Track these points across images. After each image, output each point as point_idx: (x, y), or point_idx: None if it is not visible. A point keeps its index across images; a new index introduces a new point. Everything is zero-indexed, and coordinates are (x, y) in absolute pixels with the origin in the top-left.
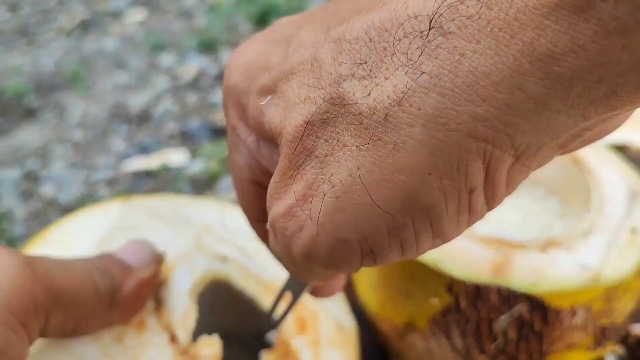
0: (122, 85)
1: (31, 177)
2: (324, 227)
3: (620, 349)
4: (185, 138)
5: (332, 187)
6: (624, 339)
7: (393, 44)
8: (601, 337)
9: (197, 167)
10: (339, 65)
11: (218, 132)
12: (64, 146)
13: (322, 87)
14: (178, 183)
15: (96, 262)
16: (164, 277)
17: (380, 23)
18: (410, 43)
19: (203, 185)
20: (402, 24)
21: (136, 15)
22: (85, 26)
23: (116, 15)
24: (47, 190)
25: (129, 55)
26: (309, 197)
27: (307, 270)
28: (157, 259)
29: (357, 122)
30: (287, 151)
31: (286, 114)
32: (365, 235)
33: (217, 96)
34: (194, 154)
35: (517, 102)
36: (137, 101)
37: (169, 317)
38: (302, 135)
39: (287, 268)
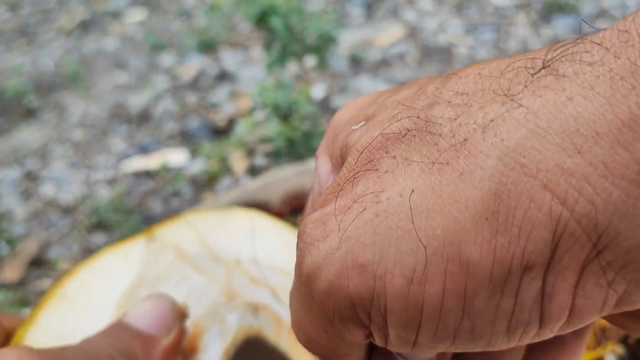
0: (122, 85)
1: (31, 177)
2: (347, 242)
3: (620, 349)
4: (185, 138)
5: (377, 202)
6: (624, 339)
7: (499, 77)
8: (601, 336)
9: (197, 167)
10: (440, 92)
11: (218, 132)
12: (63, 146)
13: (413, 108)
14: (178, 183)
15: (115, 344)
16: (192, 342)
17: (496, 63)
18: (515, 77)
19: (203, 185)
20: (514, 62)
21: (136, 15)
22: (85, 26)
23: (116, 15)
24: (47, 190)
25: (129, 55)
26: (349, 208)
27: (301, 321)
28: (180, 316)
29: (432, 142)
30: (350, 161)
31: (367, 130)
32: (386, 269)
33: (216, 96)
34: (194, 154)
35: (617, 163)
36: (137, 101)
37: None
38: (371, 146)
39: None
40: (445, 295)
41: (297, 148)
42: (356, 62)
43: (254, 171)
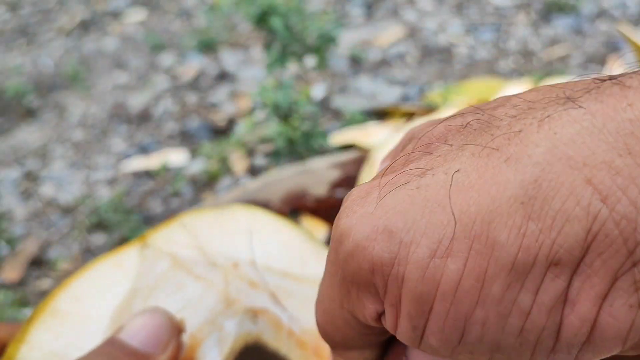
0: (122, 85)
1: (31, 177)
2: (382, 207)
3: None
4: (185, 138)
5: (420, 177)
6: None
7: (565, 88)
8: None
9: (197, 167)
10: (508, 98)
11: (218, 132)
12: (63, 146)
13: (479, 108)
14: (178, 183)
15: None
16: (189, 353)
17: (566, 80)
18: (579, 84)
19: (203, 185)
20: (583, 76)
21: (136, 15)
22: (85, 26)
23: (116, 15)
24: (47, 190)
25: (129, 55)
26: (393, 179)
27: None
28: (176, 331)
29: (488, 133)
30: (409, 147)
31: (432, 124)
32: (413, 238)
33: (216, 96)
34: (194, 153)
35: None
36: (136, 101)
37: None
38: (431, 134)
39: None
40: (465, 274)
41: (297, 148)
42: (356, 62)
43: (254, 171)
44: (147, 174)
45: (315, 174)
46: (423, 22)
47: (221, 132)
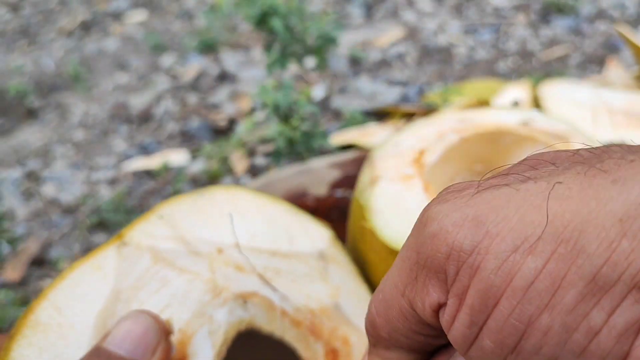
0: (123, 86)
1: (32, 177)
2: (478, 199)
3: None
4: (186, 138)
5: (522, 182)
6: None
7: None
8: None
9: (198, 167)
10: (626, 146)
11: (218, 132)
12: (65, 146)
13: (592, 146)
14: (178, 183)
15: None
16: (180, 350)
17: None
18: None
19: (203, 185)
20: None
21: (137, 16)
22: (86, 27)
23: (117, 15)
24: (48, 189)
25: (130, 56)
26: (495, 181)
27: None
28: (164, 333)
29: (597, 160)
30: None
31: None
32: (499, 231)
33: (217, 97)
34: (195, 154)
35: None
36: (137, 101)
37: None
38: (542, 157)
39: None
40: (541, 274)
41: (297, 148)
42: (356, 63)
43: (254, 171)
44: (148, 174)
45: (315, 174)
46: (422, 22)
47: (222, 132)
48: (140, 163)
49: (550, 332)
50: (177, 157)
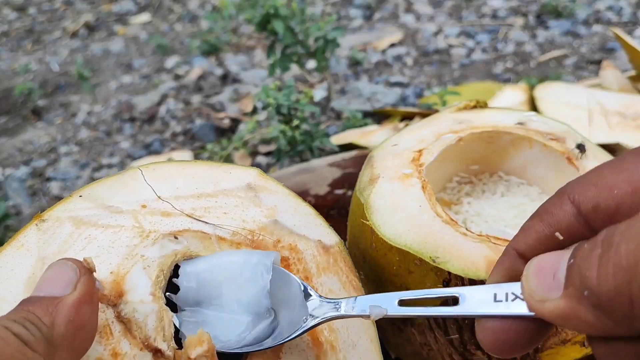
0: (127, 86)
1: (38, 175)
2: None
3: None
4: (189, 138)
5: None
6: None
7: None
8: None
9: None
10: None
11: (221, 132)
12: (70, 145)
13: None
14: None
15: (12, 315)
16: (116, 288)
17: None
18: None
19: None
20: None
21: (141, 18)
22: (91, 28)
23: (121, 17)
24: (53, 188)
25: (134, 57)
26: None
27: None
28: (85, 270)
29: None
30: None
31: None
32: None
33: (220, 97)
34: (198, 153)
35: None
36: (142, 101)
37: (142, 332)
38: None
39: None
40: None
41: (298, 148)
42: (356, 64)
43: None
44: None
45: (316, 173)
46: (421, 25)
47: (224, 132)
48: (144, 162)
49: None
50: (181, 156)
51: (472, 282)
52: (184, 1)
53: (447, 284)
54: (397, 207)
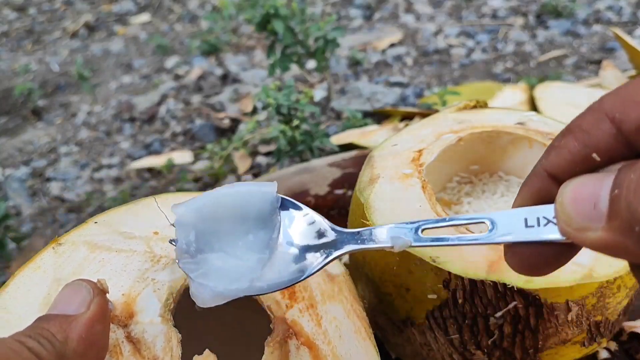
0: (127, 86)
1: (38, 176)
2: None
3: (613, 345)
4: (190, 138)
5: None
6: (617, 336)
7: None
8: (596, 332)
9: (201, 166)
10: None
11: (221, 132)
12: (70, 145)
13: None
14: (182, 182)
15: (27, 331)
16: (127, 309)
17: None
18: None
19: (207, 184)
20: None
21: (141, 18)
22: (91, 28)
23: (121, 17)
24: (53, 188)
25: (134, 57)
26: None
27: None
28: (98, 290)
29: None
30: None
31: None
32: None
33: (220, 97)
34: (198, 153)
35: None
36: (142, 101)
37: (151, 352)
38: None
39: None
40: None
41: (298, 148)
42: (356, 64)
43: (256, 170)
44: (152, 173)
45: (316, 173)
46: (421, 25)
47: (224, 132)
48: (144, 162)
49: None
50: (181, 156)
51: (472, 282)
52: (184, 1)
53: (447, 284)
54: (397, 207)
